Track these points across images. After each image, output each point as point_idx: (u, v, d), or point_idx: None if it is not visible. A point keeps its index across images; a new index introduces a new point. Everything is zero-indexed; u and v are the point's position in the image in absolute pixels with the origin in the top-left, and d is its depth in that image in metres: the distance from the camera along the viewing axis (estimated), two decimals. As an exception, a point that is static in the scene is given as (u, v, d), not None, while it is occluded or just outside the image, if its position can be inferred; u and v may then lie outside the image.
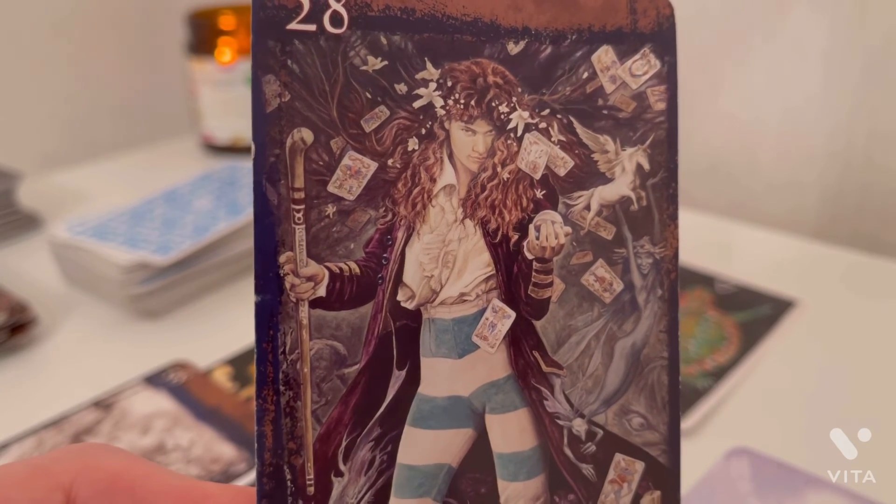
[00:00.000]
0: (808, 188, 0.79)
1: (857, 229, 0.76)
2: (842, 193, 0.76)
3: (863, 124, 0.73)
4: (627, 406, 0.23)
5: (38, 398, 0.55)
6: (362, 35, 0.20)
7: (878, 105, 0.72)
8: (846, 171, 0.75)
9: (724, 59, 0.80)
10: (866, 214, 0.75)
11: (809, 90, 0.76)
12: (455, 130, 0.21)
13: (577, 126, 0.22)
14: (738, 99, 0.81)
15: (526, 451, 0.22)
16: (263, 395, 0.20)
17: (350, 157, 0.21)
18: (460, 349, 0.22)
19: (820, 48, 0.74)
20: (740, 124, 0.81)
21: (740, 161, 0.82)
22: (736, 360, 0.56)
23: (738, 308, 0.62)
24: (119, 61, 1.12)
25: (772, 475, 0.45)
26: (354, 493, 0.21)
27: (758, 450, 0.47)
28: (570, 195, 0.22)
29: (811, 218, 0.79)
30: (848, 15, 0.71)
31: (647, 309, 0.23)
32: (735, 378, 0.54)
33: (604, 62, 0.22)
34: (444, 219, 0.22)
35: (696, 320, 0.61)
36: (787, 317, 0.60)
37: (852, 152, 0.75)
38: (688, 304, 0.63)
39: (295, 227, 0.20)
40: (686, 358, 0.56)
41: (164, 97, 1.14)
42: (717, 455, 0.46)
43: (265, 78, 0.20)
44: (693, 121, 0.83)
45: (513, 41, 0.22)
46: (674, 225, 0.23)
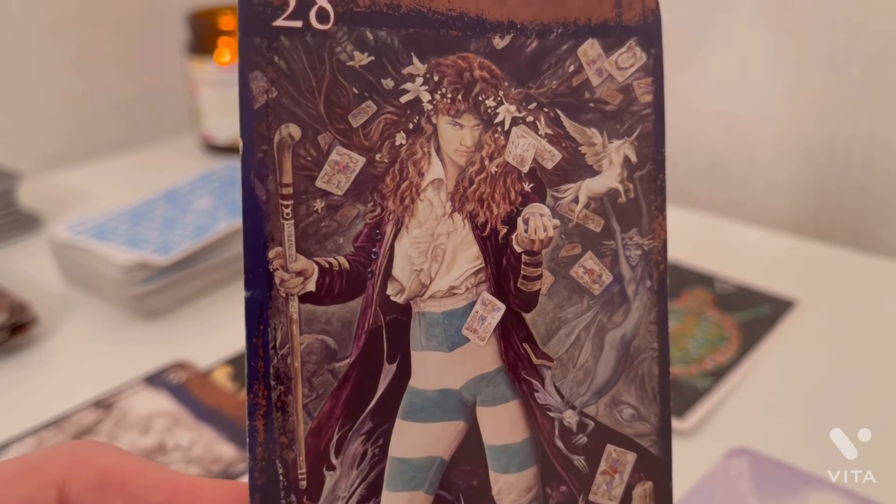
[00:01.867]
0: (808, 188, 0.78)
1: (857, 229, 0.76)
2: (842, 193, 0.76)
3: (863, 125, 0.73)
4: (618, 397, 0.23)
5: (38, 398, 0.56)
6: (348, 31, 0.21)
7: (878, 105, 0.72)
8: (846, 171, 0.75)
9: (724, 58, 0.80)
10: (866, 214, 0.75)
11: (809, 90, 0.75)
12: (442, 125, 0.22)
13: (564, 119, 0.22)
14: (738, 99, 0.81)
15: (517, 443, 0.22)
16: (254, 389, 0.20)
17: (338, 152, 0.21)
18: (450, 342, 0.22)
19: (820, 48, 0.73)
20: (740, 124, 0.81)
21: (740, 160, 0.82)
22: (736, 360, 0.56)
23: (738, 308, 0.62)
24: (119, 61, 1.12)
25: (772, 475, 0.45)
26: (347, 487, 0.21)
27: (758, 450, 0.46)
28: (558, 188, 0.22)
29: (811, 218, 0.79)
30: (848, 15, 0.71)
31: (636, 300, 0.23)
32: (735, 378, 0.54)
33: (590, 55, 0.22)
34: (433, 213, 0.22)
35: (696, 320, 0.61)
36: (787, 317, 0.60)
37: (852, 152, 0.74)
38: (688, 304, 0.63)
39: (284, 223, 0.20)
40: (686, 358, 0.56)
41: (164, 97, 1.14)
42: (717, 455, 0.46)
43: (252, 74, 0.20)
44: (693, 121, 0.83)
45: (499, 35, 0.22)
46: (662, 216, 0.23)
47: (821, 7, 0.72)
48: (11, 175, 0.80)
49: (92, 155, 1.03)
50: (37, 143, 1.07)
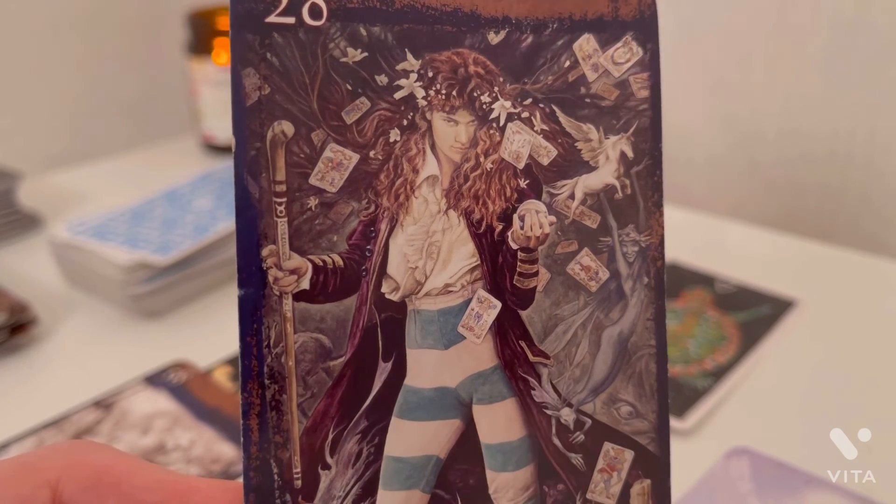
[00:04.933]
0: (807, 188, 0.78)
1: (857, 229, 0.76)
2: (842, 193, 0.76)
3: (863, 124, 0.73)
4: (616, 395, 0.23)
5: (38, 398, 0.56)
6: (342, 27, 0.20)
7: (878, 105, 0.72)
8: (846, 171, 0.75)
9: (724, 58, 0.80)
10: (866, 214, 0.75)
11: (809, 90, 0.75)
12: (437, 121, 0.21)
13: (559, 115, 0.22)
14: (738, 99, 0.81)
15: (514, 441, 0.22)
16: (248, 388, 0.20)
17: (331, 149, 0.21)
18: (446, 340, 0.22)
19: (820, 48, 0.73)
20: (740, 124, 0.81)
21: (740, 161, 0.82)
22: (736, 360, 0.55)
23: (738, 308, 0.62)
24: (119, 61, 1.12)
25: (772, 475, 0.45)
26: (342, 486, 0.21)
27: (758, 450, 0.46)
28: (553, 184, 0.22)
29: (811, 218, 0.79)
30: (848, 15, 0.71)
31: (633, 297, 0.23)
32: (735, 378, 0.54)
33: (585, 50, 0.22)
34: (428, 210, 0.22)
35: (696, 320, 0.61)
36: (787, 317, 0.60)
37: (852, 152, 0.74)
38: (688, 304, 0.63)
39: (277, 221, 0.20)
40: (686, 358, 0.56)
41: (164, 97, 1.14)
42: (717, 455, 0.46)
43: (245, 71, 0.20)
44: (693, 121, 0.83)
45: (493, 31, 0.22)
46: (659, 212, 0.23)
47: (820, 7, 0.72)
48: (11, 175, 0.80)
49: (92, 155, 1.03)
50: (37, 143, 1.07)
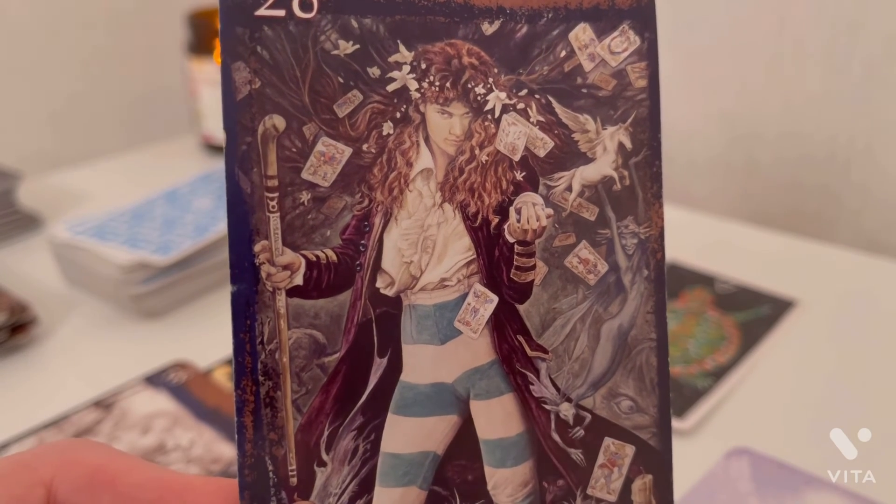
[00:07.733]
0: (807, 188, 0.78)
1: (856, 229, 0.76)
2: (842, 193, 0.76)
3: (863, 124, 0.73)
4: (616, 389, 0.22)
5: (38, 398, 0.56)
6: (333, 19, 0.20)
7: (879, 105, 0.72)
8: (846, 172, 0.75)
9: (724, 58, 0.80)
10: (866, 214, 0.75)
11: (809, 90, 0.75)
12: (431, 113, 0.21)
13: (555, 106, 0.22)
14: (738, 99, 0.81)
15: (512, 436, 0.22)
16: (242, 385, 0.20)
17: (323, 142, 0.20)
18: (442, 335, 0.22)
19: (820, 48, 0.73)
20: (740, 125, 0.81)
21: (740, 161, 0.82)
22: (736, 360, 0.55)
23: (738, 308, 0.62)
24: (119, 61, 1.12)
25: (772, 475, 0.45)
26: (338, 483, 0.21)
27: (758, 450, 0.46)
28: (550, 176, 0.22)
29: (811, 218, 0.79)
30: (848, 15, 0.71)
31: (633, 290, 0.23)
32: (735, 378, 0.53)
33: (581, 40, 0.22)
34: (423, 203, 0.21)
35: (696, 320, 0.61)
36: (787, 317, 0.60)
37: (852, 152, 0.74)
38: (688, 304, 0.63)
39: (269, 216, 0.20)
40: (686, 358, 0.56)
41: (164, 97, 1.14)
42: (717, 455, 0.46)
43: (235, 65, 0.19)
44: (693, 121, 0.83)
45: (487, 21, 0.21)
46: (658, 204, 0.23)
47: (821, 7, 0.72)
48: (11, 175, 0.80)
49: (92, 155, 1.03)
50: (37, 144, 1.07)
